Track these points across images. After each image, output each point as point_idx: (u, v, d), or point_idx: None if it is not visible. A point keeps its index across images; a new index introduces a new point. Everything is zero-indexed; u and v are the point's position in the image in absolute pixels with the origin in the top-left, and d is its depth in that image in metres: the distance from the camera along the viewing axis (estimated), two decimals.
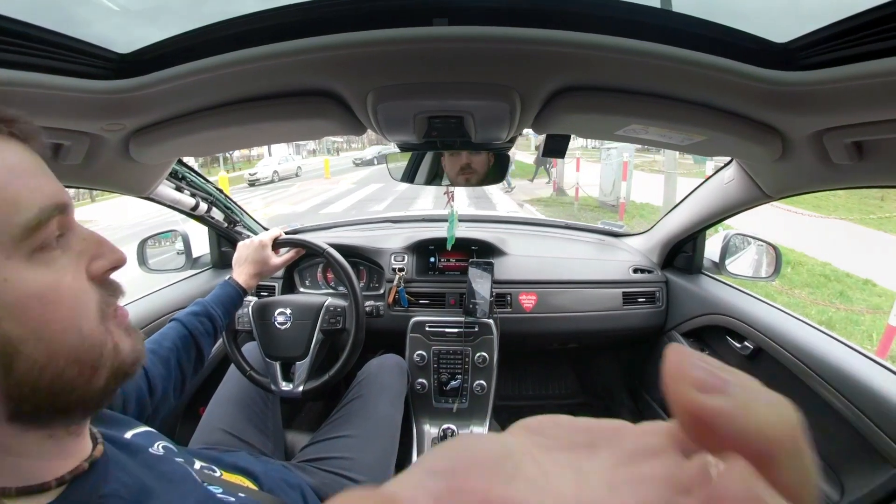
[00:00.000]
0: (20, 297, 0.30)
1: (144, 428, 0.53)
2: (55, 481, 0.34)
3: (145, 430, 0.53)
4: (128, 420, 0.54)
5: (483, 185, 1.16)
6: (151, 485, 0.41)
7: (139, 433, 0.52)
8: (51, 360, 0.32)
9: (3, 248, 0.30)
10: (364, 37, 0.55)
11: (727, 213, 1.22)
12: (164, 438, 0.54)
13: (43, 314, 0.31)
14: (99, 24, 0.65)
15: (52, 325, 0.32)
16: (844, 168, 0.74)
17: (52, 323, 0.32)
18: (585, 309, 1.54)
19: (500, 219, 2.37)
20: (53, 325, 0.32)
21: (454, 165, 1.12)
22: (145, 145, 0.81)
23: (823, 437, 1.01)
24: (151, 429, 0.55)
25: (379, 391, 1.18)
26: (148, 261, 1.49)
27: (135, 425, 0.53)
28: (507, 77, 0.64)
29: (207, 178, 1.36)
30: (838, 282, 4.69)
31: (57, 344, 0.32)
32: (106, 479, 0.37)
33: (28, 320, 0.31)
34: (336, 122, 0.76)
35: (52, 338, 0.32)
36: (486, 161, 1.09)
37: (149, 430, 0.54)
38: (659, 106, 0.68)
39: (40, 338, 0.31)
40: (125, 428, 0.52)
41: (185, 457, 0.54)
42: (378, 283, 1.61)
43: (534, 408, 2.07)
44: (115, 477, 0.38)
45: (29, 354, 0.31)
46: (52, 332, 0.32)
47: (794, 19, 0.56)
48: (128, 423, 0.53)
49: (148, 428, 0.54)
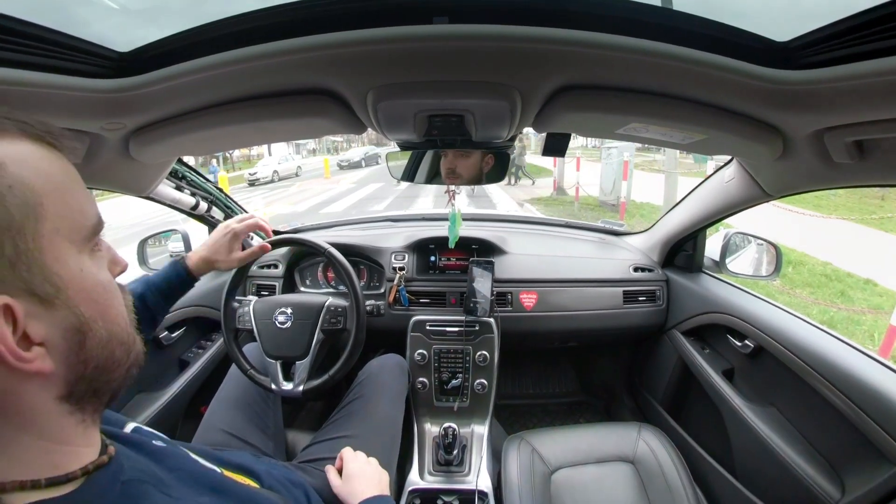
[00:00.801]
0: (92, 284, 0.37)
1: (136, 424, 0.55)
2: (80, 471, 0.36)
3: (138, 425, 0.55)
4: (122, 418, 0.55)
5: (478, 184, 1.16)
6: (162, 475, 0.43)
7: (134, 429, 0.53)
8: (110, 339, 0.38)
9: (77, 245, 0.36)
10: (364, 35, 0.55)
11: (728, 211, 1.22)
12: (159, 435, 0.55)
13: (106, 300, 0.38)
14: (98, 22, 0.64)
15: (111, 309, 0.39)
16: (845, 167, 0.74)
17: (112, 308, 0.39)
18: (586, 308, 1.54)
19: (501, 218, 2.38)
20: (112, 311, 0.39)
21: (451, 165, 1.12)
22: (145, 144, 0.81)
23: (824, 435, 1.01)
24: (143, 425, 0.56)
25: (380, 391, 1.18)
26: (148, 260, 1.49)
27: (129, 422, 0.54)
28: (508, 76, 0.64)
29: (207, 178, 1.36)
30: (839, 281, 4.69)
31: (114, 326, 0.39)
32: (122, 469, 0.40)
33: (97, 304, 0.37)
34: (336, 121, 0.76)
35: (113, 320, 0.39)
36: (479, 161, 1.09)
37: (139, 426, 0.55)
38: (659, 105, 0.68)
39: (105, 319, 0.38)
40: (121, 424, 0.53)
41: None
42: (379, 282, 1.61)
43: (534, 406, 2.07)
44: (130, 466, 0.40)
45: (96, 332, 0.37)
46: (112, 315, 0.39)
47: (795, 18, 0.56)
48: (122, 420, 0.54)
49: (139, 424, 0.55)
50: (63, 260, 0.35)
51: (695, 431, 1.47)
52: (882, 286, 4.50)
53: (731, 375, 1.33)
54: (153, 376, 1.32)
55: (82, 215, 0.37)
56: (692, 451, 1.40)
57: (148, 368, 1.27)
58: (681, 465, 1.13)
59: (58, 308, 0.34)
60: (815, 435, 1.04)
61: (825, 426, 1.00)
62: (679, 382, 1.55)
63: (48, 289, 0.34)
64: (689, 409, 1.55)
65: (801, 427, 1.08)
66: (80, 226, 0.37)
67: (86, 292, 0.36)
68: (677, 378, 1.55)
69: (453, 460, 1.28)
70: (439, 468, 1.30)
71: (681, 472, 1.11)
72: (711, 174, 1.27)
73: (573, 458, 1.17)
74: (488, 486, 1.24)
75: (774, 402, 1.16)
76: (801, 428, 1.08)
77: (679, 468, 1.12)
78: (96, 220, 0.39)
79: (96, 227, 0.39)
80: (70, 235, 0.36)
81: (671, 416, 1.59)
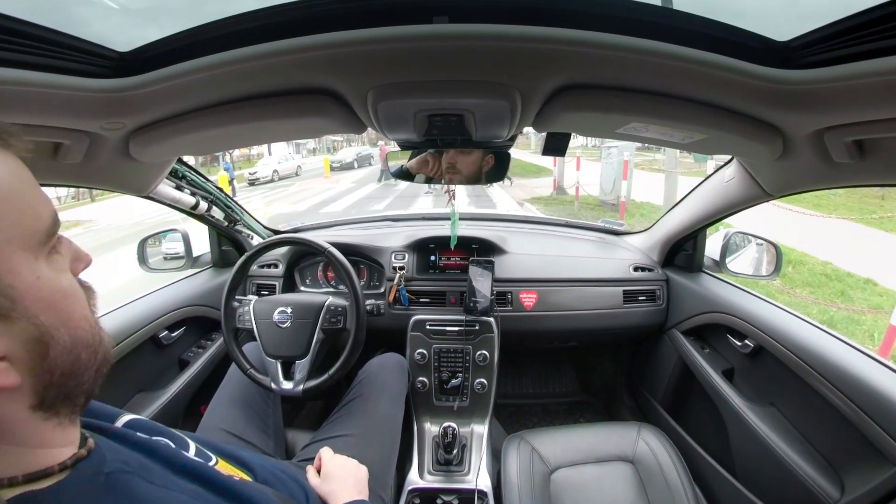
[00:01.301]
0: (51, 292, 0.35)
1: (133, 416, 0.55)
2: (58, 466, 0.36)
3: (134, 417, 0.55)
4: (116, 410, 0.55)
5: (478, 183, 1.16)
6: (150, 465, 0.43)
7: (129, 421, 0.53)
8: (74, 345, 0.37)
9: (32, 252, 0.35)
10: (364, 35, 0.55)
11: (728, 211, 1.22)
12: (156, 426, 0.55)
13: (67, 305, 0.37)
14: (98, 22, 0.64)
15: (73, 314, 0.37)
16: (845, 167, 0.74)
17: (74, 312, 0.37)
18: (586, 307, 1.54)
19: (501, 217, 2.38)
20: (75, 315, 0.37)
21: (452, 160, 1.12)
22: (145, 144, 0.81)
23: (824, 434, 1.01)
24: (140, 416, 0.56)
25: (380, 390, 1.18)
26: (148, 260, 1.49)
27: (122, 415, 0.54)
28: (508, 75, 0.64)
29: (207, 178, 1.36)
30: (839, 281, 4.69)
31: (78, 330, 0.37)
32: (105, 461, 0.40)
33: (58, 312, 0.36)
34: (336, 121, 0.76)
35: (76, 325, 0.37)
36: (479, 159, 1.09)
37: (137, 417, 0.55)
38: (660, 104, 0.68)
39: (68, 325, 0.36)
40: (114, 418, 0.53)
41: (178, 440, 0.55)
42: (379, 281, 1.61)
43: (534, 406, 2.07)
44: (114, 458, 0.40)
45: (59, 340, 0.36)
46: (75, 320, 0.37)
47: (795, 17, 0.56)
48: (114, 413, 0.54)
49: (136, 416, 0.55)
50: (17, 271, 0.33)
51: (694, 431, 1.47)
52: (882, 286, 4.50)
53: (730, 375, 1.33)
54: (153, 376, 1.32)
55: (35, 219, 0.35)
56: (692, 450, 1.40)
57: (148, 368, 1.29)
58: (680, 465, 1.13)
59: (15, 321, 0.33)
60: (815, 435, 1.04)
61: (825, 426, 1.00)
62: (679, 382, 1.55)
63: (3, 302, 0.32)
64: (689, 409, 1.55)
65: (801, 427, 1.08)
66: (34, 230, 0.35)
67: (44, 301, 0.35)
68: (677, 378, 1.55)
69: (453, 460, 1.28)
70: (439, 467, 1.30)
71: (680, 472, 1.11)
72: (711, 174, 1.27)
73: (573, 457, 1.17)
74: (488, 485, 1.24)
75: (774, 401, 1.16)
76: (801, 428, 1.08)
77: (679, 468, 1.12)
78: (51, 220, 0.37)
79: (52, 229, 0.37)
80: (24, 243, 0.34)
81: (671, 415, 1.59)
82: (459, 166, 1.09)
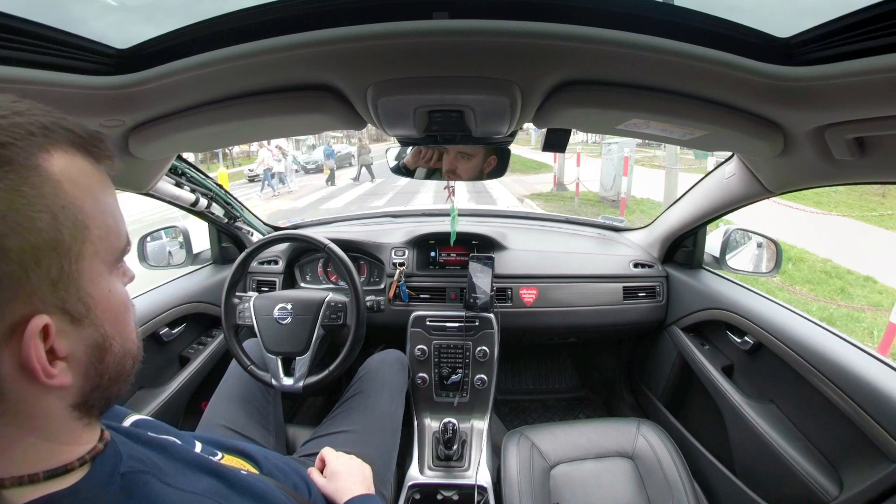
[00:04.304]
0: (117, 304, 0.39)
1: (139, 416, 0.56)
2: (77, 461, 0.37)
3: (140, 417, 0.55)
4: (124, 410, 0.56)
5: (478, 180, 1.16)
6: (161, 463, 0.44)
7: (136, 421, 0.54)
8: (124, 354, 0.40)
9: (109, 267, 0.38)
10: (364, 31, 0.55)
11: (728, 208, 1.22)
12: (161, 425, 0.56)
13: (125, 318, 0.40)
14: (97, 19, 0.64)
15: (128, 326, 0.41)
16: (845, 164, 0.74)
17: (129, 325, 0.41)
18: (586, 303, 1.54)
19: (501, 213, 2.38)
20: (128, 327, 0.41)
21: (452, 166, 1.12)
22: (144, 141, 0.81)
23: (823, 431, 1.02)
24: (146, 416, 0.56)
25: (380, 386, 1.18)
26: (148, 257, 1.49)
27: (130, 414, 0.55)
28: (508, 71, 0.63)
29: (207, 174, 1.36)
30: (839, 278, 4.68)
31: (128, 342, 0.40)
32: (120, 459, 0.40)
33: (118, 323, 0.39)
34: (336, 117, 0.76)
35: (128, 336, 0.41)
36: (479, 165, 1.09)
37: (144, 417, 0.56)
38: (660, 100, 0.68)
39: (122, 336, 0.39)
40: (121, 417, 0.54)
41: (184, 439, 0.56)
42: (379, 277, 1.61)
43: (534, 402, 2.08)
44: (128, 456, 0.41)
45: (114, 348, 0.38)
46: (128, 332, 0.41)
47: (797, 14, 0.55)
48: (123, 413, 0.55)
49: (142, 416, 0.56)
50: (96, 281, 0.36)
51: (694, 427, 1.48)
52: (882, 283, 4.50)
53: (730, 372, 1.33)
54: (154, 372, 1.32)
55: (118, 237, 0.39)
56: (691, 447, 1.41)
57: (149, 365, 1.29)
58: (679, 461, 1.14)
59: (85, 326, 0.36)
60: (814, 432, 1.04)
61: (824, 423, 1.00)
62: (678, 379, 1.55)
63: (80, 308, 0.35)
64: (689, 406, 1.56)
65: (800, 424, 1.08)
66: (115, 248, 0.38)
67: (111, 312, 0.38)
68: (677, 374, 1.55)
69: (453, 455, 1.29)
70: (439, 463, 1.30)
71: (679, 468, 1.12)
72: (712, 170, 1.26)
73: (572, 453, 1.17)
74: (488, 480, 1.24)
75: (773, 398, 1.17)
76: (800, 425, 1.08)
77: (678, 464, 1.13)
78: (126, 241, 0.40)
79: (127, 248, 0.40)
80: (105, 257, 0.37)
81: (670, 412, 1.59)
82: (460, 171, 1.09)
